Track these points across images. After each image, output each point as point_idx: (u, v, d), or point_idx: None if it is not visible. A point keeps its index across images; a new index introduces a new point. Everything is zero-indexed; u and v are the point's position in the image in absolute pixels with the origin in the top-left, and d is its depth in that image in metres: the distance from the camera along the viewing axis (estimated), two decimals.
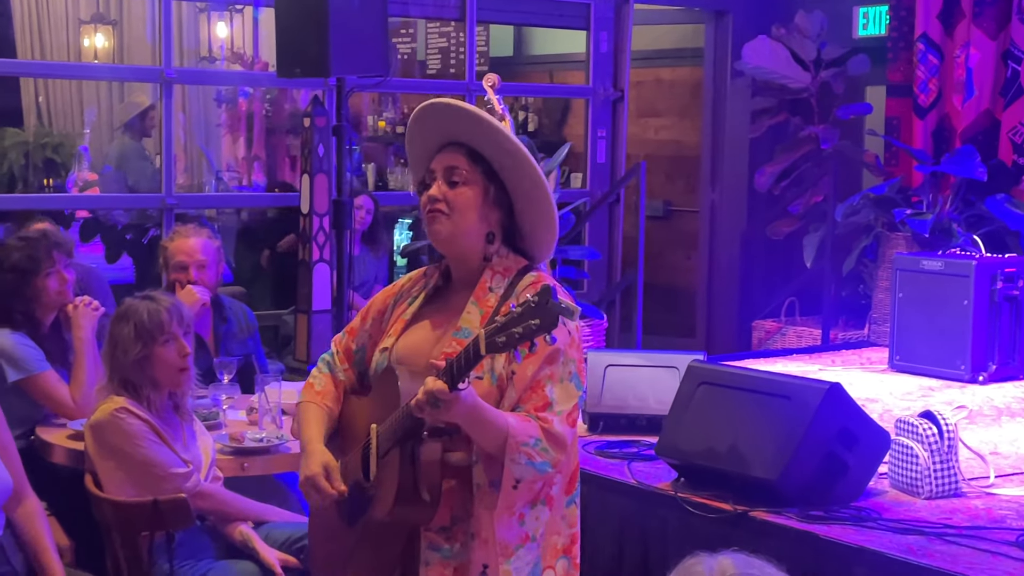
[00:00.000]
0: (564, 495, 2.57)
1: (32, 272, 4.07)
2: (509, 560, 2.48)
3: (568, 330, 2.50)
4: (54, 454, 3.85)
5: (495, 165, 2.54)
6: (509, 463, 2.43)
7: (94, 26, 9.02)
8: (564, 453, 2.47)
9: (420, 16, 8.29)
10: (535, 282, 2.53)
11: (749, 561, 1.68)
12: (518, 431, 2.43)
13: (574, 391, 2.51)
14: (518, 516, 2.49)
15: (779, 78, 7.26)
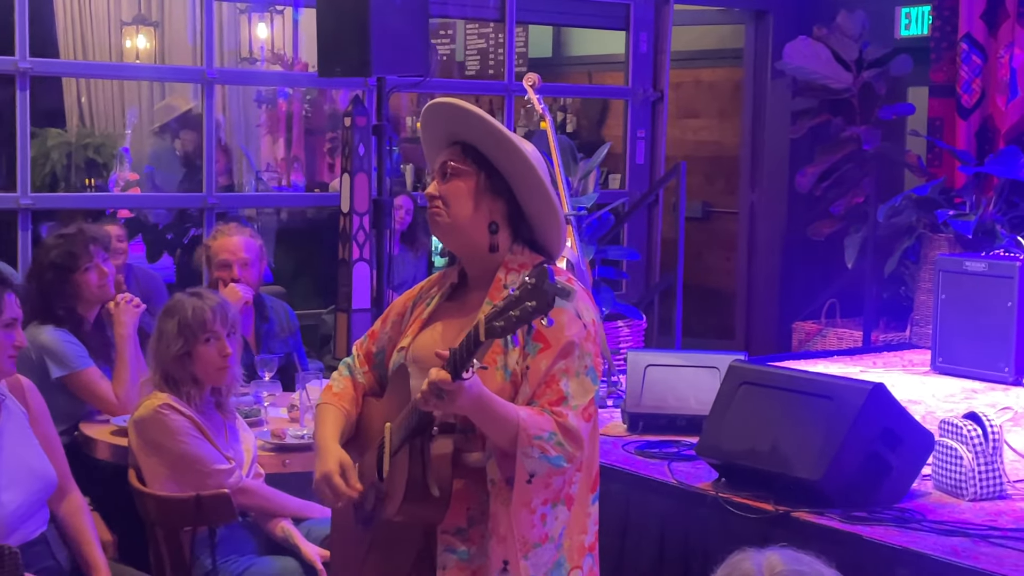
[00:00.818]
0: (588, 493, 2.56)
1: (71, 268, 4.11)
2: (527, 556, 2.46)
3: (584, 323, 2.49)
4: (97, 450, 3.88)
5: (484, 152, 2.53)
6: (522, 457, 2.41)
7: (136, 27, 9.09)
8: (580, 448, 2.44)
9: (459, 17, 8.30)
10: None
11: (798, 557, 1.67)
12: (530, 424, 2.41)
13: (590, 385, 2.48)
14: (539, 516, 2.46)
15: (820, 78, 7.22)
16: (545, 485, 2.45)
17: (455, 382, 2.31)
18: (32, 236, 5.89)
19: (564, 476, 2.47)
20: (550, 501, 2.47)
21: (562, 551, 2.51)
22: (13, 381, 3.14)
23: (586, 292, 2.60)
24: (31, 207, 5.87)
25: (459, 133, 2.56)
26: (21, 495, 2.99)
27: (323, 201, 7.95)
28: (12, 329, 2.98)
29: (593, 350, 2.50)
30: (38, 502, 3.07)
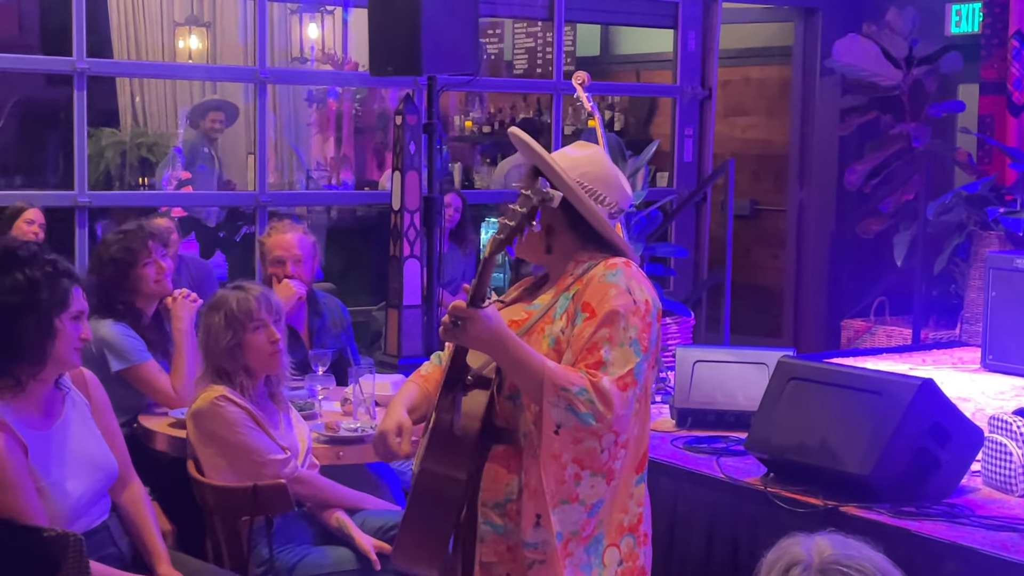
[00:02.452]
0: (634, 473, 2.60)
1: (130, 263, 4.19)
2: (554, 510, 2.50)
3: (634, 299, 2.55)
4: (156, 441, 3.96)
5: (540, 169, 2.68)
6: (548, 406, 2.47)
7: (188, 28, 9.20)
8: (610, 411, 2.47)
9: (508, 16, 8.35)
10: (611, 264, 2.60)
11: (846, 542, 1.70)
12: (558, 375, 2.48)
13: (632, 356, 2.52)
14: (572, 474, 2.50)
15: (870, 76, 7.20)
16: (575, 440, 2.49)
17: (470, 308, 2.41)
18: (88, 233, 6.00)
19: (601, 443, 2.50)
20: (588, 468, 2.51)
21: (602, 527, 2.56)
22: (76, 373, 3.21)
23: (643, 276, 2.64)
24: (88, 205, 5.98)
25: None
26: (84, 484, 3.06)
27: (373, 199, 8.04)
28: (79, 321, 3.05)
29: (639, 325, 2.55)
30: (100, 491, 3.14)
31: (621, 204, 2.70)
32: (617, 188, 2.69)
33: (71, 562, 2.78)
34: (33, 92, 8.04)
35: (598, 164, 2.69)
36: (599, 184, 2.65)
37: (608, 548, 2.56)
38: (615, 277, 2.57)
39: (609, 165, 2.71)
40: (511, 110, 9.91)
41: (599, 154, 2.73)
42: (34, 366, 2.97)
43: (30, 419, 3.00)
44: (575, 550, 2.53)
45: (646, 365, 2.57)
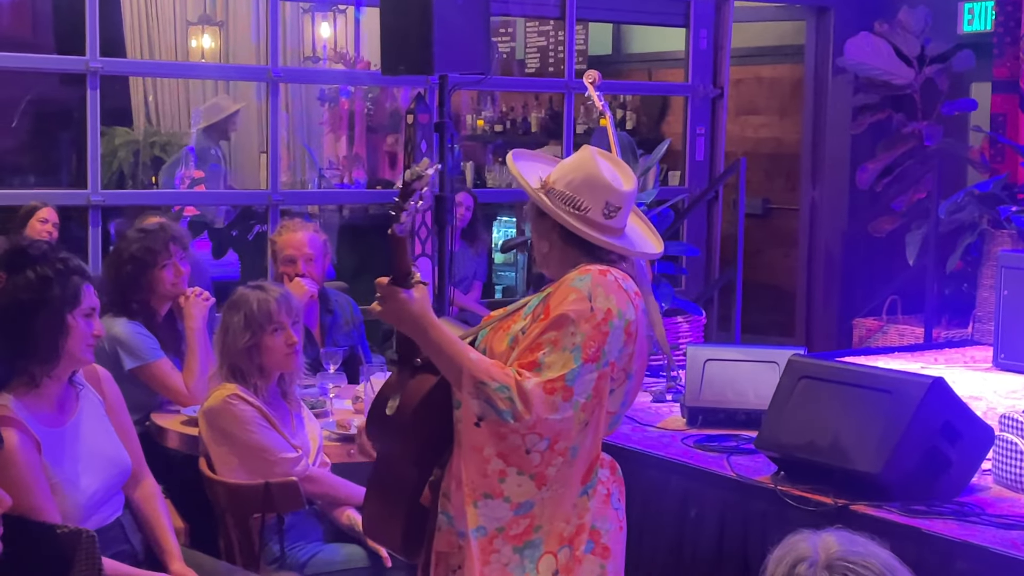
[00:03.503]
0: (579, 484, 2.58)
1: (149, 264, 4.21)
2: (476, 503, 2.51)
3: (592, 306, 2.54)
4: (168, 439, 3.98)
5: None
6: (467, 397, 2.49)
7: (201, 27, 9.23)
8: (530, 412, 2.46)
9: (520, 15, 8.36)
10: (585, 270, 2.62)
11: (852, 539, 1.70)
12: (479, 369, 2.49)
13: (569, 362, 2.51)
14: (497, 471, 2.50)
15: (882, 74, 7.19)
16: (497, 435, 2.49)
17: (389, 285, 2.48)
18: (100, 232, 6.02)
19: (526, 443, 2.49)
20: (514, 465, 2.51)
21: (540, 532, 2.55)
22: (90, 370, 3.23)
23: (617, 286, 2.61)
24: (101, 204, 6.00)
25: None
26: (98, 481, 3.08)
27: (385, 197, 8.03)
28: (91, 318, 3.07)
29: (589, 332, 2.53)
30: (114, 488, 3.16)
31: (613, 202, 2.67)
32: (603, 189, 2.66)
33: (84, 559, 2.80)
34: (46, 91, 8.07)
35: (583, 168, 2.68)
36: (583, 191, 2.65)
37: (545, 555, 2.56)
38: (580, 282, 2.57)
39: (595, 165, 2.68)
40: (523, 109, 9.92)
41: (586, 155, 2.72)
42: (47, 363, 2.99)
43: (44, 416, 3.01)
44: (502, 547, 2.53)
45: (591, 374, 2.54)
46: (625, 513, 2.77)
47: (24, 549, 2.75)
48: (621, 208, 2.69)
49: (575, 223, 2.64)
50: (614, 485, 2.71)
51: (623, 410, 2.73)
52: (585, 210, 2.65)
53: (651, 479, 3.80)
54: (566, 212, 2.65)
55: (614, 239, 2.68)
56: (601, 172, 2.67)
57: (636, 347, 2.64)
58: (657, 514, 3.78)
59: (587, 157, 2.71)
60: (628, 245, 2.71)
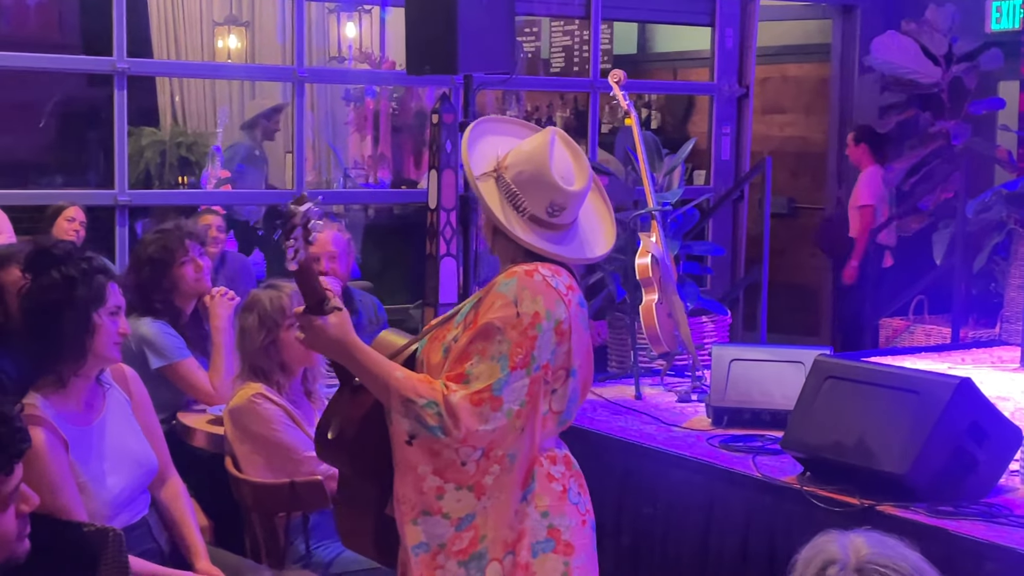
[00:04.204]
0: (517, 489, 2.55)
1: (168, 262, 4.23)
2: (415, 521, 2.50)
3: (518, 311, 2.50)
4: (195, 438, 3.99)
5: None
6: (396, 416, 2.48)
7: (227, 27, 9.26)
8: (459, 427, 2.44)
9: (545, 14, 8.35)
10: (511, 272, 2.57)
11: (883, 541, 1.69)
12: (406, 387, 2.47)
13: (496, 371, 2.48)
14: (435, 488, 2.49)
15: (909, 73, 7.16)
16: (431, 452, 2.48)
17: (304, 314, 2.49)
18: (128, 232, 6.06)
19: (460, 456, 2.48)
20: (452, 481, 2.50)
21: (484, 542, 2.53)
22: (117, 370, 3.25)
23: (544, 286, 2.55)
24: (128, 204, 6.03)
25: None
26: (124, 480, 3.09)
27: (410, 197, 8.06)
28: (116, 317, 3.08)
29: (516, 339, 2.49)
30: (140, 487, 3.17)
31: (559, 202, 2.59)
32: (549, 188, 2.58)
33: (111, 557, 2.81)
34: (74, 92, 8.12)
35: (533, 161, 2.59)
36: (528, 188, 2.58)
37: (491, 563, 2.54)
38: (506, 287, 2.53)
39: (546, 161, 2.59)
40: (548, 108, 9.92)
41: (542, 146, 2.61)
42: (75, 362, 3.01)
43: (71, 415, 3.03)
44: (445, 563, 2.52)
45: (521, 381, 2.50)
46: (588, 505, 2.72)
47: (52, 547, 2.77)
48: (567, 207, 2.62)
49: (506, 223, 2.58)
50: (571, 480, 2.67)
51: (573, 407, 2.67)
52: (524, 210, 2.59)
53: (676, 479, 3.80)
54: (505, 208, 2.59)
55: (548, 240, 2.60)
56: (550, 170, 2.58)
57: (574, 343, 2.59)
58: (682, 514, 3.77)
59: (541, 149, 2.60)
60: (561, 245, 2.62)
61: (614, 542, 4.01)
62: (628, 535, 3.97)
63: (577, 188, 2.62)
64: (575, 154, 2.67)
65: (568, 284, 2.61)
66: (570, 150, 2.66)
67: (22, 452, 2.11)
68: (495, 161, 2.64)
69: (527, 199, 2.59)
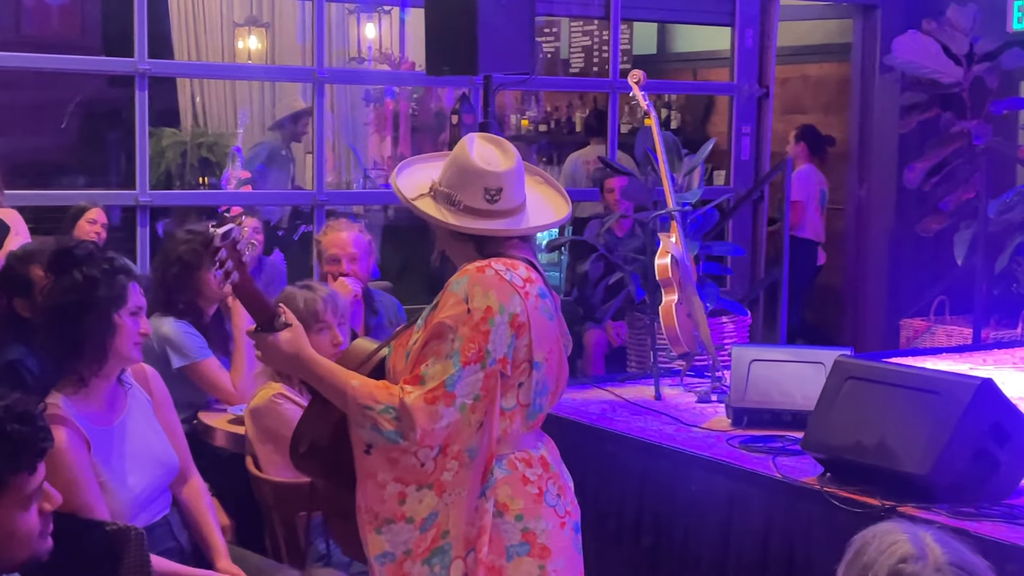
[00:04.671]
0: (478, 484, 2.54)
1: (196, 266, 4.24)
2: (379, 530, 2.52)
3: (468, 307, 2.52)
4: (215, 438, 4.01)
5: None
6: (355, 426, 2.50)
7: (247, 28, 9.28)
8: (415, 429, 2.46)
9: (564, 15, 8.36)
10: (463, 271, 2.60)
11: (950, 541, 1.66)
12: (362, 395, 2.49)
13: (449, 368, 2.49)
14: (395, 493, 2.51)
15: (930, 73, 7.13)
16: (389, 460, 2.50)
17: (256, 332, 2.52)
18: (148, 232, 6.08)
19: (419, 458, 2.49)
20: (412, 483, 2.51)
21: (447, 538, 2.53)
22: (138, 369, 3.26)
23: (496, 280, 2.56)
24: (149, 204, 6.06)
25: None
26: (146, 479, 3.11)
27: None
28: (137, 317, 3.10)
29: (468, 334, 2.50)
30: (161, 486, 3.19)
31: (492, 185, 2.61)
32: (476, 175, 2.60)
33: (132, 556, 2.83)
34: (96, 93, 8.16)
35: (456, 160, 2.64)
36: (458, 184, 2.61)
37: (455, 560, 2.54)
38: (457, 286, 2.56)
39: (467, 154, 2.63)
40: (567, 109, 9.92)
41: (461, 145, 2.66)
42: (96, 362, 3.02)
43: (93, 415, 3.05)
44: (411, 568, 2.53)
45: (475, 375, 2.51)
46: (568, 507, 2.70)
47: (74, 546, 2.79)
48: (503, 188, 2.62)
49: (448, 220, 2.60)
50: (548, 481, 2.66)
51: (542, 399, 2.66)
52: (460, 203, 2.60)
53: (696, 480, 3.79)
54: (444, 210, 2.61)
55: (497, 222, 2.62)
56: (472, 159, 2.62)
57: (534, 335, 2.59)
58: (702, 515, 3.76)
59: (461, 147, 2.66)
60: (512, 224, 2.64)
61: (633, 543, 4.01)
62: (647, 536, 3.97)
63: (504, 168, 2.64)
64: (496, 142, 2.71)
65: (525, 277, 2.61)
66: (490, 140, 2.70)
67: (44, 451, 2.12)
68: (428, 184, 2.68)
69: (461, 194, 2.61)
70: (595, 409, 4.43)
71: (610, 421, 4.26)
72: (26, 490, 2.08)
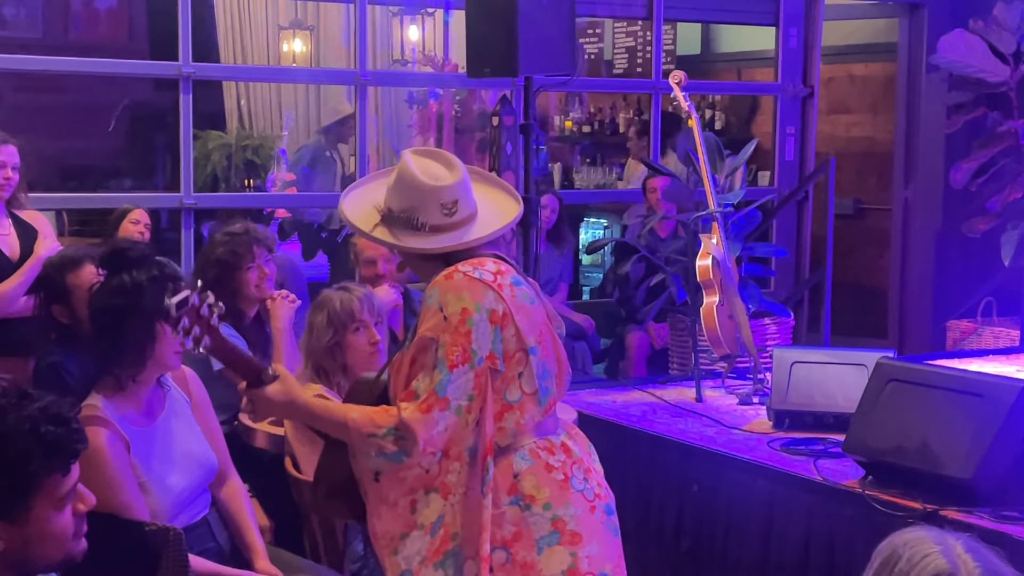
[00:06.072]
0: (478, 482, 2.54)
1: (234, 266, 4.27)
2: (396, 551, 2.54)
3: (444, 315, 2.53)
4: (256, 439, 4.02)
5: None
6: (361, 456, 2.53)
7: (292, 31, 9.33)
8: (416, 442, 2.48)
9: (607, 15, 8.34)
10: (433, 283, 2.61)
11: (982, 552, 1.61)
12: (363, 423, 2.52)
13: (436, 376, 2.51)
14: (406, 505, 2.54)
15: (976, 72, 7.05)
16: (399, 480, 2.53)
17: (248, 389, 2.55)
18: (194, 235, 6.13)
19: (424, 465, 2.52)
20: (419, 490, 2.54)
21: (457, 540, 2.53)
22: (177, 371, 3.28)
23: (468, 281, 2.57)
24: (193, 206, 6.10)
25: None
26: (185, 479, 3.13)
27: None
28: None
29: (449, 340, 2.52)
30: (201, 486, 3.21)
31: (447, 199, 2.61)
32: (429, 192, 2.60)
33: (171, 556, 2.85)
34: (142, 96, 8.23)
35: (403, 182, 2.64)
36: (413, 206, 2.61)
37: (467, 561, 2.54)
38: (431, 299, 2.58)
39: (411, 173, 2.63)
40: (611, 110, 9.90)
41: (402, 166, 2.65)
42: (134, 367, 3.04)
43: (132, 416, 3.07)
44: (426, 575, 2.54)
45: (464, 376, 2.52)
46: (597, 489, 2.68)
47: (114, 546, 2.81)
48: (458, 199, 2.64)
49: (412, 244, 2.63)
50: (572, 466, 2.65)
51: (548, 382, 2.65)
52: (423, 225, 2.62)
53: (736, 482, 3.78)
54: (405, 236, 2.63)
55: (461, 232, 2.63)
56: (418, 177, 2.62)
57: (520, 323, 2.59)
58: (742, 517, 3.75)
59: (403, 168, 2.65)
60: (477, 232, 2.65)
61: (673, 545, 4.00)
62: (688, 538, 3.96)
63: (454, 180, 2.65)
64: (434, 154, 2.72)
65: (495, 270, 2.62)
66: (428, 155, 2.71)
67: (78, 452, 2.14)
68: (375, 211, 2.68)
69: (420, 214, 2.62)
70: (636, 411, 4.43)
71: (651, 423, 4.25)
72: (60, 491, 2.10)
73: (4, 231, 4.76)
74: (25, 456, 2.07)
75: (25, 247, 4.71)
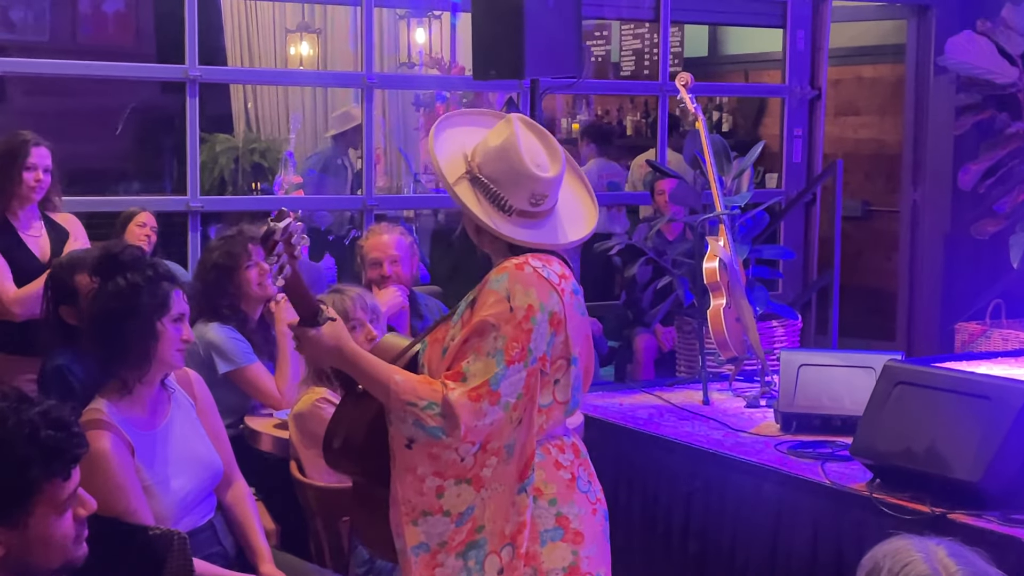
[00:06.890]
0: (516, 481, 2.53)
1: (232, 267, 4.28)
2: (415, 522, 2.51)
3: (511, 306, 2.50)
4: (261, 442, 4.02)
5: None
6: (396, 420, 2.49)
7: (299, 34, 9.33)
8: (458, 425, 2.45)
9: (614, 18, 8.33)
10: (502, 268, 2.58)
11: (965, 555, 1.60)
12: (405, 390, 2.48)
13: (492, 367, 2.48)
14: (433, 487, 2.51)
15: (985, 73, 7.03)
16: (430, 455, 2.49)
17: (299, 327, 2.50)
18: (201, 237, 6.13)
19: (459, 453, 2.49)
20: (451, 477, 2.51)
21: (483, 533, 2.52)
22: (181, 374, 3.28)
23: (536, 278, 2.55)
24: (200, 209, 6.10)
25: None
26: (190, 483, 3.12)
27: None
28: (180, 324, 3.12)
29: (511, 333, 2.49)
30: (206, 490, 3.20)
31: (540, 191, 2.58)
32: (528, 179, 2.56)
33: (176, 559, 2.84)
34: (150, 99, 8.24)
35: (506, 157, 2.57)
36: (506, 185, 2.57)
37: (490, 555, 2.53)
38: (497, 283, 2.54)
39: (518, 153, 2.56)
40: (618, 112, 9.88)
41: (509, 137, 2.58)
42: (138, 368, 3.04)
43: (137, 420, 3.06)
44: (445, 560, 2.52)
45: (519, 374, 2.50)
46: (599, 494, 2.70)
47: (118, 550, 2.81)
48: (548, 194, 2.61)
49: (492, 225, 2.57)
50: (579, 468, 2.66)
51: (577, 394, 2.67)
52: (510, 208, 2.58)
53: (744, 485, 3.76)
54: (487, 208, 2.58)
55: (533, 229, 2.60)
56: (524, 161, 2.56)
57: (570, 331, 2.59)
58: (749, 520, 3.73)
59: (510, 142, 2.57)
60: (547, 234, 2.62)
61: (681, 548, 3.98)
62: (695, 541, 3.94)
63: (553, 174, 2.61)
64: (542, 137, 2.65)
65: (560, 273, 2.60)
66: (537, 135, 2.64)
67: (79, 457, 2.13)
68: (463, 160, 2.62)
69: (509, 196, 2.58)
70: (643, 414, 4.41)
71: (658, 426, 4.24)
72: (60, 496, 2.09)
73: (36, 233, 4.76)
74: (25, 461, 2.06)
75: (56, 249, 4.71)
